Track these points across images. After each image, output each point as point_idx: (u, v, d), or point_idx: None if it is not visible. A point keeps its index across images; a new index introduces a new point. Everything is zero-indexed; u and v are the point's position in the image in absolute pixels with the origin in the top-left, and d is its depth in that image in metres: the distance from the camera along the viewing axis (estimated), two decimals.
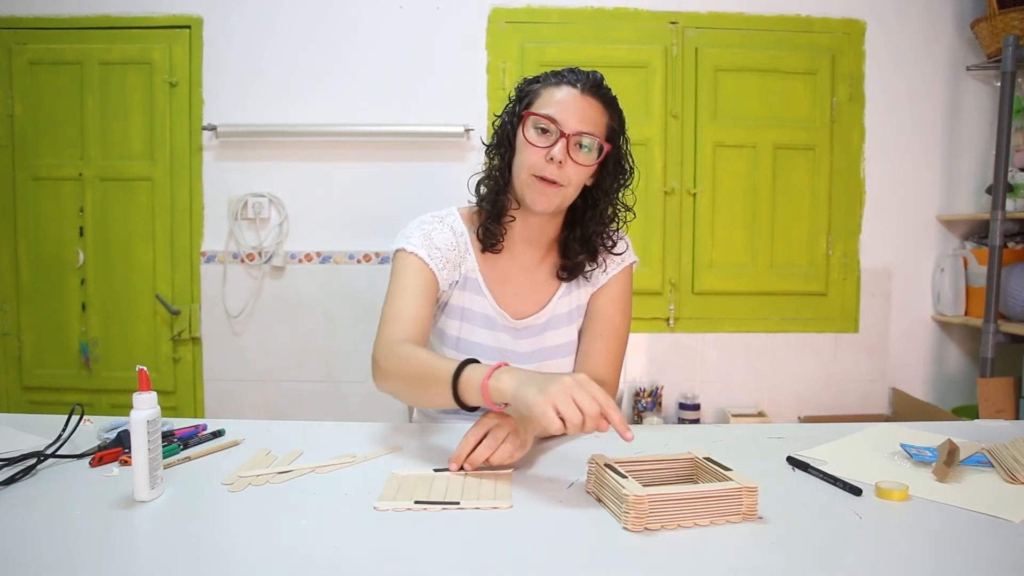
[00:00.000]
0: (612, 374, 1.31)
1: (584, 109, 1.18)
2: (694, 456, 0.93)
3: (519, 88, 1.27)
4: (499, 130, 1.28)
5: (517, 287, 1.31)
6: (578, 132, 1.17)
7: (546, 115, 1.18)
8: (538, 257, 1.32)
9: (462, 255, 1.29)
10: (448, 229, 1.28)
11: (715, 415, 2.81)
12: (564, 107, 1.18)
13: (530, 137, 1.19)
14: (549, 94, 1.20)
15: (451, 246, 1.27)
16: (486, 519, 0.83)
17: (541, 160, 1.17)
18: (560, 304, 1.32)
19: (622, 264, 1.35)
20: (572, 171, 1.18)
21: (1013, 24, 2.49)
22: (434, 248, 1.24)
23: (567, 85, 1.20)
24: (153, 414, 0.86)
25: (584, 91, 1.19)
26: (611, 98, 1.24)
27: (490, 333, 1.30)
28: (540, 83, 1.24)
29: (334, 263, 2.71)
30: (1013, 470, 0.95)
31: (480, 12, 2.67)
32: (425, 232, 1.26)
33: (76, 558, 0.72)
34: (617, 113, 1.25)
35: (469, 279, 1.30)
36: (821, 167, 2.76)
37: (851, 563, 0.73)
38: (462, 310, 1.30)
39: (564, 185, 1.19)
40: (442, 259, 1.25)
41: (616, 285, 1.34)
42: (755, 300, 2.79)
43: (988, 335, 2.46)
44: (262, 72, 2.66)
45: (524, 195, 1.22)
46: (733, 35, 2.71)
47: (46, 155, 2.66)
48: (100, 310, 2.70)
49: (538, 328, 1.32)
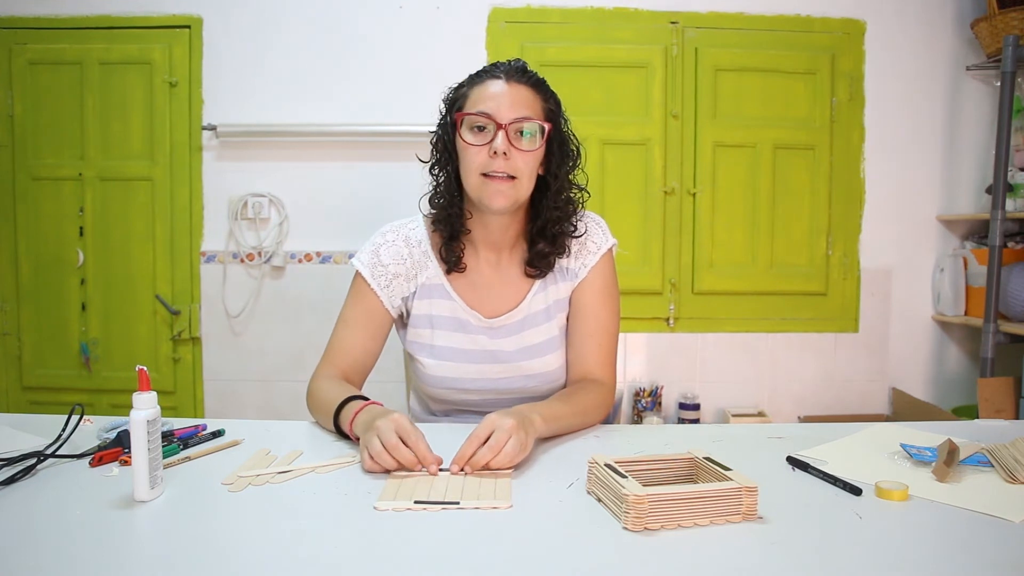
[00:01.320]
0: (608, 374, 1.29)
1: (514, 96, 1.17)
2: (694, 456, 0.93)
3: (445, 97, 1.27)
4: (436, 143, 1.27)
5: (488, 287, 1.29)
6: (514, 119, 1.16)
7: (478, 112, 1.17)
8: (505, 256, 1.30)
9: (419, 265, 1.29)
10: (402, 241, 1.29)
11: (715, 415, 2.81)
12: (494, 99, 1.17)
13: (468, 139, 1.18)
14: (476, 93, 1.20)
15: (400, 259, 1.28)
16: (486, 519, 0.83)
17: (485, 157, 1.16)
18: (535, 301, 1.30)
19: (599, 252, 1.31)
20: (520, 160, 1.17)
21: (1013, 24, 2.49)
22: (378, 266, 1.27)
23: (491, 79, 1.20)
24: (153, 414, 0.86)
25: (510, 80, 1.19)
26: (538, 80, 1.23)
27: (465, 336, 1.28)
28: (466, 86, 1.24)
29: (334, 263, 2.71)
30: (1013, 470, 0.95)
31: (480, 12, 2.67)
32: (374, 248, 1.29)
33: (76, 558, 0.72)
34: (550, 95, 1.24)
35: (432, 286, 1.29)
36: (821, 167, 2.76)
37: (851, 563, 0.73)
38: (430, 318, 1.29)
39: (516, 177, 1.18)
40: (387, 277, 1.26)
41: (598, 276, 1.31)
42: (755, 300, 2.79)
43: (988, 335, 2.46)
44: (262, 72, 2.66)
45: (479, 198, 1.20)
46: (733, 35, 2.71)
47: (46, 155, 2.66)
48: (100, 310, 2.70)
49: (515, 326, 1.29)
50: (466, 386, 1.29)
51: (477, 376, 1.28)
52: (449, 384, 1.29)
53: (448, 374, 1.28)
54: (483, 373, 1.28)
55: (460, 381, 1.28)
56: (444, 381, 1.29)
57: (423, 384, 1.33)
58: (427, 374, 1.29)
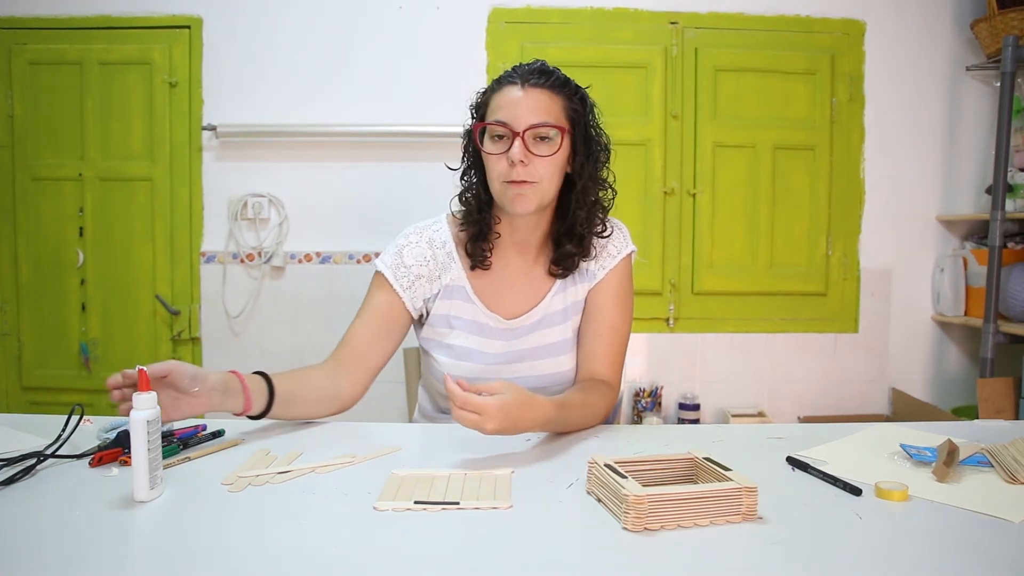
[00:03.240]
0: (614, 375, 1.30)
1: (530, 102, 1.18)
2: (694, 456, 0.93)
3: (473, 104, 1.28)
4: (464, 151, 1.29)
5: (510, 289, 1.30)
6: (529, 127, 1.16)
7: (494, 121, 1.18)
8: (531, 258, 1.31)
9: (443, 266, 1.30)
10: (426, 243, 1.30)
11: (715, 415, 2.81)
12: (509, 107, 1.18)
13: (488, 148, 1.20)
14: (495, 100, 1.21)
15: (424, 261, 1.28)
16: (486, 519, 0.83)
17: (505, 166, 1.18)
18: (554, 302, 1.31)
19: (618, 256, 1.33)
20: (539, 166, 1.18)
21: (1012, 24, 2.49)
22: (401, 268, 1.27)
23: (507, 85, 1.20)
24: (153, 414, 0.86)
25: (525, 85, 1.19)
26: (560, 80, 1.22)
27: (480, 339, 1.29)
28: (487, 92, 1.24)
29: (334, 263, 2.71)
30: (1013, 470, 0.95)
31: (480, 12, 2.68)
32: (398, 250, 1.29)
33: (76, 558, 0.72)
34: (573, 92, 1.23)
35: (455, 288, 1.29)
36: (821, 167, 2.76)
37: (851, 563, 0.73)
38: (449, 318, 1.30)
39: (536, 182, 1.18)
40: (409, 278, 1.27)
41: (614, 279, 1.32)
42: (755, 300, 2.79)
43: (988, 335, 2.46)
44: (262, 72, 2.66)
45: (502, 202, 1.22)
46: (733, 35, 2.71)
47: (46, 155, 2.66)
48: (100, 310, 2.70)
49: (530, 327, 1.30)
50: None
51: (491, 376, 1.28)
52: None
53: (464, 374, 1.28)
54: (497, 373, 1.29)
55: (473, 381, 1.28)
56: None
57: (435, 379, 1.33)
58: (441, 372, 1.29)
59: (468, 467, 0.99)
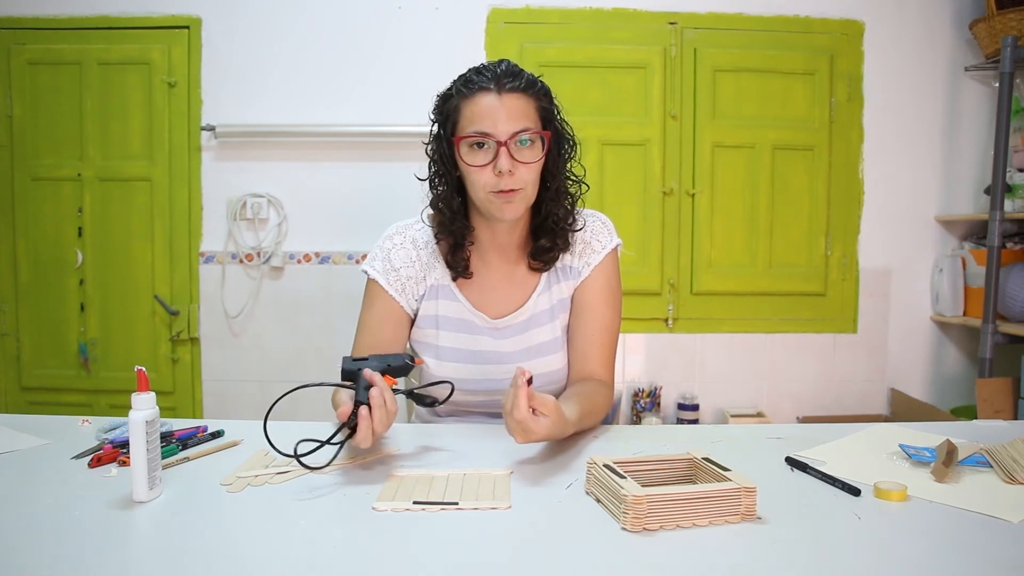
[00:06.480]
0: (608, 375, 1.29)
1: (509, 108, 1.14)
2: (693, 456, 0.93)
3: (437, 110, 1.23)
4: (433, 158, 1.24)
5: (494, 288, 1.30)
6: (513, 134, 1.14)
7: (475, 132, 1.14)
8: (513, 258, 1.30)
9: (427, 266, 1.29)
10: (410, 243, 1.29)
11: (714, 415, 2.81)
12: (489, 116, 1.14)
13: (470, 160, 1.16)
14: (469, 109, 1.16)
15: (411, 262, 1.28)
16: (485, 519, 0.83)
17: (491, 177, 1.15)
18: (540, 300, 1.30)
19: (603, 252, 1.31)
20: (525, 172, 1.16)
21: (1011, 25, 2.49)
22: (391, 271, 1.27)
23: (480, 92, 1.15)
24: (152, 415, 0.86)
25: (501, 90, 1.15)
26: (529, 81, 1.19)
27: (469, 337, 1.29)
28: (455, 97, 1.19)
29: (333, 263, 2.71)
30: (1011, 470, 0.95)
31: (479, 13, 2.68)
32: (385, 254, 1.28)
33: (75, 558, 0.72)
34: (543, 92, 1.21)
35: (440, 287, 1.29)
36: (820, 167, 2.76)
37: (850, 563, 0.73)
38: (436, 318, 1.29)
39: (522, 188, 1.17)
40: (400, 281, 1.27)
41: (601, 275, 1.30)
42: (754, 300, 2.79)
43: (987, 335, 2.46)
44: (261, 72, 2.66)
45: (488, 211, 1.20)
46: (732, 36, 2.71)
47: (45, 155, 2.66)
48: (99, 310, 2.70)
49: (520, 327, 1.29)
50: (470, 387, 1.28)
51: (481, 377, 1.28)
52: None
53: (452, 375, 1.28)
54: (487, 374, 1.28)
55: (464, 382, 1.28)
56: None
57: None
58: (431, 374, 1.29)
59: (467, 467, 0.99)
